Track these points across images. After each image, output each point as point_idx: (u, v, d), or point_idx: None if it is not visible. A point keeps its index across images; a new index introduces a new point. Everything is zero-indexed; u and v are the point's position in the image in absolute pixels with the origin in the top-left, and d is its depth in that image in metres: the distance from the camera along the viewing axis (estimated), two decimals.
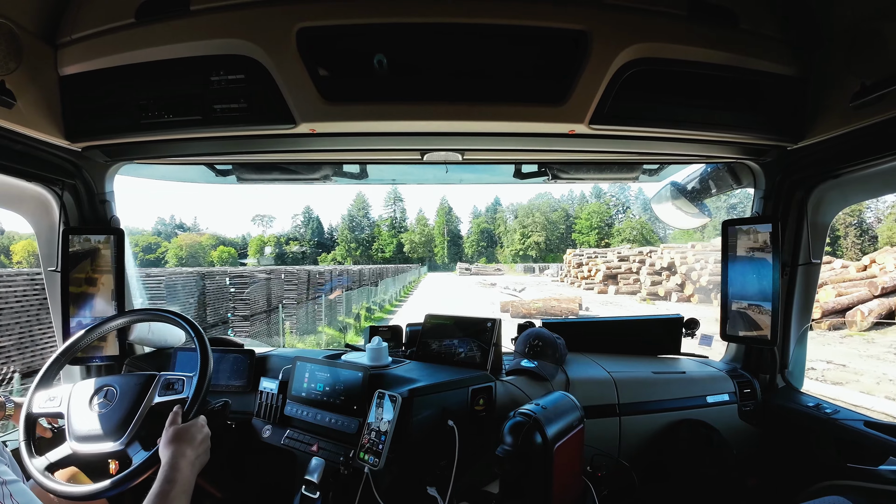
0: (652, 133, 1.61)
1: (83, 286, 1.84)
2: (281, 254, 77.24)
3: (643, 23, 1.40)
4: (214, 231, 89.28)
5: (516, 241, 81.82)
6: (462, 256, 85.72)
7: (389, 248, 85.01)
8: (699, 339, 2.22)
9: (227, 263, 62.43)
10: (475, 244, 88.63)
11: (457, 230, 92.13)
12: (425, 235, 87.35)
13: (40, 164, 1.64)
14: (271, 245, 77.28)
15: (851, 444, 1.65)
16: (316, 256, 78.90)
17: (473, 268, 65.62)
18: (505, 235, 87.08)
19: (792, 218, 1.89)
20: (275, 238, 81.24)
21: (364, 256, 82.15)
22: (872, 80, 1.31)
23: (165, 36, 1.40)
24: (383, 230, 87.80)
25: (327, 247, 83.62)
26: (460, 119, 1.49)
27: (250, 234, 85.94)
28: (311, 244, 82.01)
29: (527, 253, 79.78)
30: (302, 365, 1.70)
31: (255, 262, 66.69)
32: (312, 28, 1.35)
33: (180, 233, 78.04)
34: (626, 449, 1.85)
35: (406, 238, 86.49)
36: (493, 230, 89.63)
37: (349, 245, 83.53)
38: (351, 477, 1.40)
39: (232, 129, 1.52)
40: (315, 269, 22.05)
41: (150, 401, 1.43)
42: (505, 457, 1.29)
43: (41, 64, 1.45)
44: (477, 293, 31.50)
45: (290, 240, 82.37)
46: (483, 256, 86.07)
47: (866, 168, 1.62)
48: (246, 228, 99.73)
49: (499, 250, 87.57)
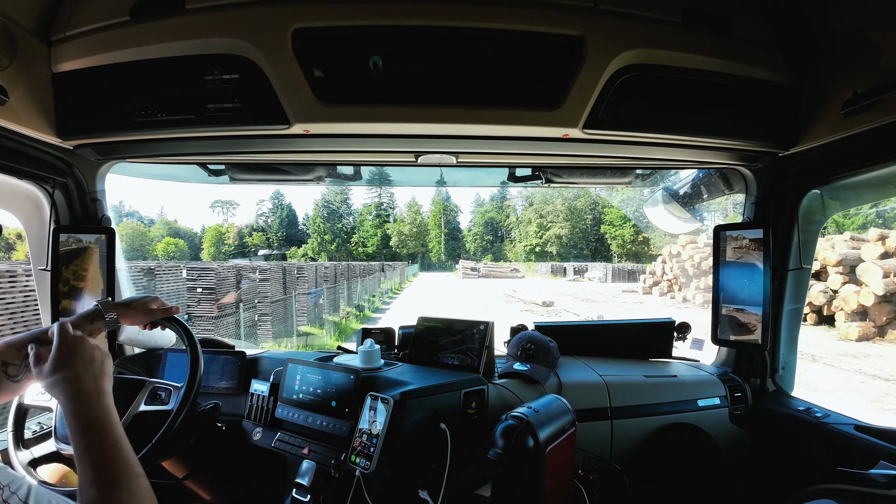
0: (645, 138, 1.62)
1: (73, 285, 1.82)
2: (242, 248, 63.99)
3: (637, 29, 1.41)
4: (173, 218, 73.44)
5: (531, 235, 65.02)
6: (461, 253, 71.26)
7: (373, 241, 69.74)
8: (690, 342, 2.23)
9: (176, 258, 51.74)
10: (478, 238, 73.16)
11: (455, 222, 76.78)
12: (417, 226, 71.69)
13: (31, 162, 1.63)
14: (230, 235, 64.44)
15: (842, 447, 1.66)
16: (285, 251, 65.50)
17: (482, 268, 50.95)
18: (516, 228, 70.66)
19: (783, 223, 1.91)
20: (234, 228, 67.37)
21: (342, 251, 67.79)
22: (864, 88, 1.33)
23: (160, 34, 1.40)
24: (366, 219, 72.34)
25: (299, 240, 69.13)
26: (455, 122, 1.49)
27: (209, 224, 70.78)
28: (279, 236, 67.69)
29: (544, 249, 63.53)
30: (293, 367, 1.69)
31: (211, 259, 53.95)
32: (308, 29, 1.34)
33: (128, 220, 63.20)
34: (617, 452, 1.86)
35: (393, 229, 70.34)
36: (499, 222, 73.49)
37: (322, 237, 67.93)
38: (342, 480, 1.39)
39: (225, 128, 1.51)
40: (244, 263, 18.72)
41: (136, 408, 1.41)
42: (497, 460, 1.29)
43: (34, 61, 1.43)
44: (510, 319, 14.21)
45: (254, 231, 67.95)
46: (488, 253, 71.15)
47: (857, 175, 1.64)
48: (206, 218, 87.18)
49: (507, 246, 71.75)
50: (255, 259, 51.32)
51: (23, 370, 1.09)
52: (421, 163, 1.91)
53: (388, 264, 44.16)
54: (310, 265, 22.56)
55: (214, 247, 62.42)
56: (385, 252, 68.49)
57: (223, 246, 63.10)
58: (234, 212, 72.71)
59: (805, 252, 1.91)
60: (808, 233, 1.92)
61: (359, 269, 29.92)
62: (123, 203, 66.66)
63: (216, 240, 64.05)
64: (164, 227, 67.58)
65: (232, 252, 61.53)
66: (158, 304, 1.39)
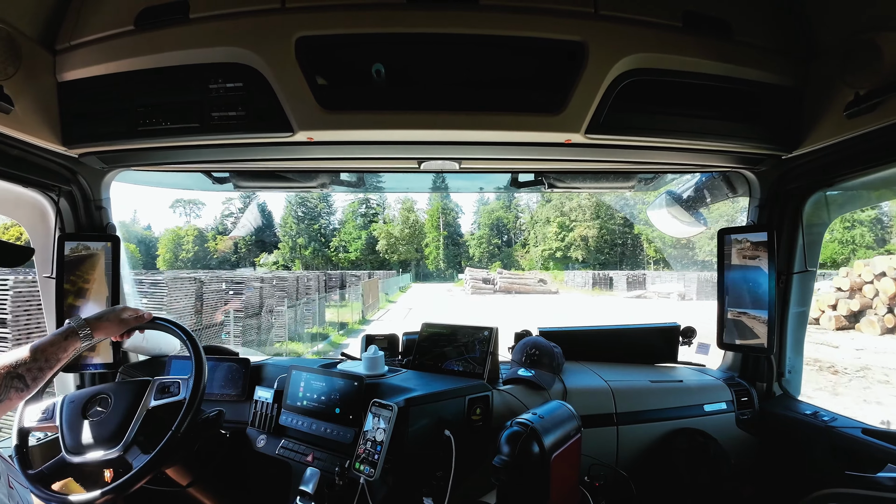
0: (648, 143, 1.62)
1: (78, 293, 1.82)
2: (203, 253, 53.79)
3: (639, 34, 1.41)
4: (125, 219, 58.19)
5: (550, 237, 53.64)
6: (462, 260, 60.52)
7: (356, 245, 57.69)
8: (696, 347, 2.22)
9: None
10: (484, 242, 60.91)
11: (456, 224, 64.80)
12: (411, 226, 59.78)
13: (37, 170, 1.64)
14: (189, 238, 53.61)
15: (849, 451, 1.64)
16: (253, 258, 54.99)
17: (498, 278, 36.59)
18: (531, 229, 58.55)
19: (787, 226, 1.90)
20: (195, 231, 55.72)
21: (320, 257, 56.15)
22: (866, 89, 1.33)
23: (164, 43, 1.41)
24: (349, 218, 60.24)
25: (274, 244, 57.79)
26: (458, 128, 1.49)
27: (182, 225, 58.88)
28: (248, 240, 56.58)
29: (567, 254, 52.22)
30: (297, 374, 1.69)
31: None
32: (311, 37, 1.36)
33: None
34: (623, 458, 1.84)
35: (382, 231, 58.20)
36: (507, 223, 62.21)
37: (295, 241, 56.42)
38: (346, 487, 1.39)
39: (229, 136, 1.52)
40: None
41: (147, 405, 1.42)
42: (502, 467, 1.28)
43: (40, 69, 1.45)
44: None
45: (219, 234, 57.01)
46: (496, 259, 58.94)
47: (860, 176, 1.64)
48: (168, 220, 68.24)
49: (518, 251, 60.37)
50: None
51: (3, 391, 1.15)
52: (424, 169, 1.91)
53: (353, 276, 31.04)
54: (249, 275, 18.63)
55: (171, 252, 53.11)
56: (371, 259, 57.68)
57: (181, 251, 53.66)
58: (198, 212, 62.18)
59: (810, 255, 1.90)
60: (813, 235, 1.91)
61: (310, 285, 20.98)
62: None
63: (174, 244, 54.05)
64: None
65: (190, 259, 52.91)
66: (130, 313, 1.43)
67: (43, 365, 1.22)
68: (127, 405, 1.42)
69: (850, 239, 36.51)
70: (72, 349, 1.28)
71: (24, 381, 1.18)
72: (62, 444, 1.38)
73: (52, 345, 1.24)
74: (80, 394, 1.46)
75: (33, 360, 1.20)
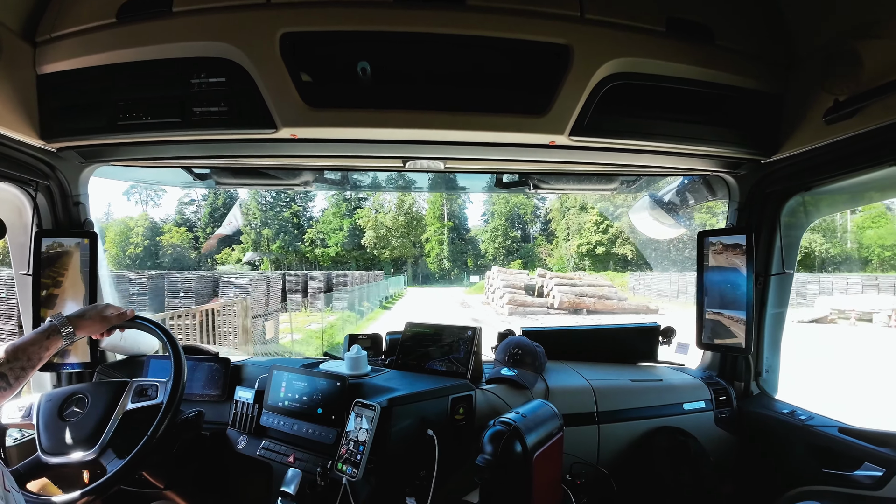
0: (630, 145, 1.64)
1: (55, 290, 1.78)
2: (153, 248, 45.14)
3: (623, 38, 1.43)
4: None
5: (588, 229, 42.21)
6: (469, 258, 49.89)
7: (336, 237, 45.65)
8: (675, 346, 2.25)
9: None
10: (499, 234, 48.83)
11: (463, 215, 52.92)
12: (406, 214, 47.72)
13: (14, 164, 1.60)
14: (139, 232, 44.87)
15: (826, 449, 1.68)
16: (214, 254, 45.09)
17: (556, 289, 23.08)
18: (560, 219, 46.15)
19: (765, 229, 1.94)
20: (147, 222, 46.83)
21: (291, 253, 45.46)
22: (845, 96, 1.37)
23: (146, 37, 1.39)
24: (329, 208, 47.89)
25: (241, 239, 45.84)
26: (443, 128, 1.50)
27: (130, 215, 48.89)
28: (208, 232, 46.68)
29: (609, 250, 41.52)
30: (279, 374, 1.67)
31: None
32: (296, 33, 1.34)
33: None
34: (604, 457, 1.86)
35: (370, 220, 45.94)
36: (525, 214, 50.71)
37: (259, 233, 45.87)
38: (328, 488, 1.38)
39: (211, 132, 1.50)
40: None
41: (123, 407, 1.40)
42: (485, 466, 1.29)
43: (19, 62, 1.41)
44: None
45: (176, 225, 47.31)
46: (515, 257, 47.35)
47: (838, 180, 1.68)
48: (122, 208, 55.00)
49: (541, 246, 48.46)
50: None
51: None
52: (408, 168, 1.91)
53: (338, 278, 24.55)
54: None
55: (118, 247, 44.75)
56: (357, 255, 45.86)
57: (128, 246, 45.23)
58: (158, 200, 52.22)
59: (787, 257, 1.95)
60: (791, 238, 1.95)
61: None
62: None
63: (122, 238, 45.44)
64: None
65: (140, 255, 45.06)
66: (112, 311, 1.41)
67: (25, 364, 1.20)
68: (104, 406, 1.39)
69: None
70: (54, 347, 1.26)
71: (6, 379, 1.16)
72: (38, 444, 1.36)
73: (33, 343, 1.22)
74: (58, 393, 1.43)
75: (15, 359, 1.18)
